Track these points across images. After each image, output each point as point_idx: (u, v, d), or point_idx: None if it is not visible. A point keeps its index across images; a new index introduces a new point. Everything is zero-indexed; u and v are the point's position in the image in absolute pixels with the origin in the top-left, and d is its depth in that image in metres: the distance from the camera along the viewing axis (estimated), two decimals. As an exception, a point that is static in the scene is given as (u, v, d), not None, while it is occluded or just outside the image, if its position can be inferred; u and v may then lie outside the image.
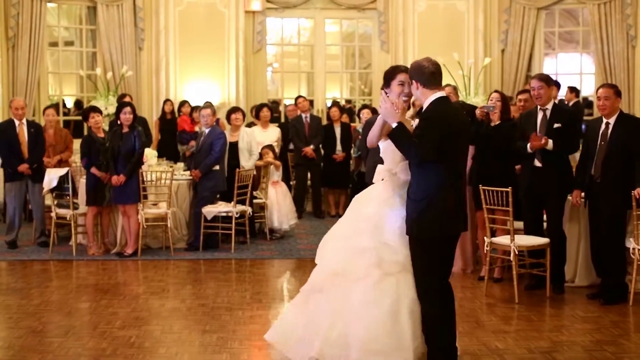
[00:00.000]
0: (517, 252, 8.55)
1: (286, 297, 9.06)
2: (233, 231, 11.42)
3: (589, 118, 15.29)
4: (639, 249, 8.17)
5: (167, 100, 15.83)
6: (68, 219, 11.35)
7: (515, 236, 8.61)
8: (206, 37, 16.68)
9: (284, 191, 12.77)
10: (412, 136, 5.72)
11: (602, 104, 8.48)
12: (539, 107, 8.96)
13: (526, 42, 16.85)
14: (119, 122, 11.22)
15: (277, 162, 12.74)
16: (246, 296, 8.89)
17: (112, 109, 14.27)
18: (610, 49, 16.13)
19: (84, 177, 11.58)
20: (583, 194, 8.68)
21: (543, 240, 8.72)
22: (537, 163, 8.85)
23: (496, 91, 9.84)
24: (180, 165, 12.80)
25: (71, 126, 17.44)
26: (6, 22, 15.59)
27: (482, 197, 8.78)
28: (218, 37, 16.75)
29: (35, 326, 7.66)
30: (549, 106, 8.90)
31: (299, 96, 15.42)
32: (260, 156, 12.39)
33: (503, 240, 8.75)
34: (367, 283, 5.77)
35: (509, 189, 8.48)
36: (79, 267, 10.64)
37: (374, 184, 6.28)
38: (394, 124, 5.73)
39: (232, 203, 11.43)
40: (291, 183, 14.74)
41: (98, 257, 11.10)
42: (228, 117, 12.50)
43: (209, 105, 12.20)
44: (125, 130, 11.12)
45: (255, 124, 14.23)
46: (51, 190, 11.37)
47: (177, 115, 15.68)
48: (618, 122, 8.46)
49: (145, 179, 11.25)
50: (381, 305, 5.73)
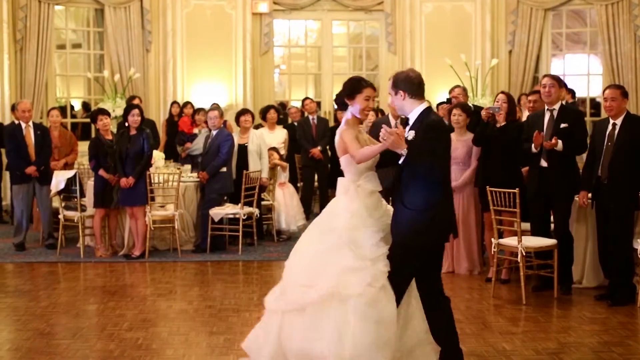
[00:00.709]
0: (524, 254, 8.55)
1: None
2: (240, 233, 11.43)
3: (595, 119, 15.26)
4: (646, 250, 8.18)
5: (174, 103, 15.84)
6: (76, 221, 11.37)
7: (523, 237, 8.60)
8: (213, 39, 16.69)
9: (291, 192, 12.78)
10: (422, 154, 5.67)
11: (609, 105, 8.48)
12: (546, 107, 8.96)
13: (533, 43, 16.81)
14: (126, 124, 11.24)
15: (284, 164, 12.75)
16: (253, 298, 8.89)
17: (120, 111, 14.29)
18: (618, 50, 16.08)
19: (92, 179, 11.61)
20: (590, 194, 8.67)
21: (550, 242, 8.72)
22: (543, 163, 8.84)
23: (502, 92, 9.84)
24: (188, 167, 12.80)
25: (79, 128, 17.48)
26: (14, 25, 15.63)
27: (490, 198, 8.79)
28: (225, 39, 16.76)
29: (43, 328, 7.68)
30: (557, 107, 8.89)
31: (306, 98, 15.41)
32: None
33: (510, 241, 8.75)
34: (361, 301, 5.62)
35: (516, 191, 8.48)
36: (87, 269, 10.66)
37: (337, 196, 6.21)
38: (403, 151, 5.67)
39: (240, 205, 11.44)
40: (298, 185, 14.74)
41: (105, 259, 11.12)
42: (237, 119, 12.48)
43: (216, 107, 12.22)
44: (133, 132, 11.14)
45: (262, 126, 14.24)
46: (59, 193, 11.39)
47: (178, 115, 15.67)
48: (625, 123, 8.46)
49: (152, 181, 11.28)
50: (378, 319, 5.61)
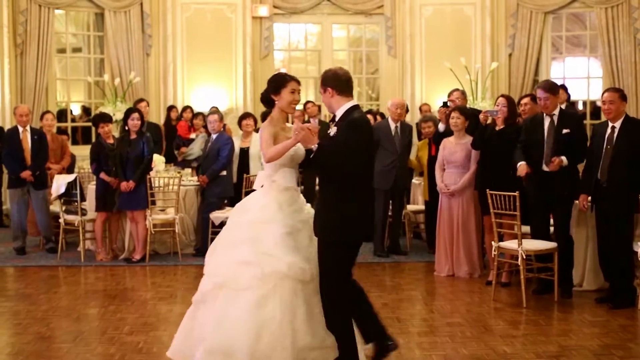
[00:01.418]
0: (524, 257, 8.56)
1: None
2: (241, 236, 11.40)
3: (595, 122, 15.27)
4: (646, 253, 8.19)
5: (172, 107, 15.83)
6: (76, 225, 11.38)
7: (523, 241, 8.61)
8: (213, 43, 16.71)
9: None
10: (336, 150, 5.76)
11: (607, 108, 8.50)
12: (545, 113, 8.96)
13: (533, 46, 16.82)
14: (126, 128, 11.25)
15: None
16: (254, 301, 8.85)
17: (120, 115, 14.27)
18: (618, 53, 16.11)
19: (92, 183, 11.62)
20: (590, 198, 8.67)
21: (551, 245, 8.72)
22: (544, 167, 8.85)
23: (502, 95, 9.86)
24: (188, 171, 12.80)
25: (79, 132, 17.50)
26: (14, 29, 15.65)
27: (490, 201, 8.80)
28: (225, 43, 16.78)
29: (43, 332, 7.69)
30: (556, 112, 8.90)
31: (308, 101, 15.44)
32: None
33: (511, 244, 8.76)
34: (251, 294, 5.79)
35: (517, 194, 8.50)
36: (87, 273, 10.67)
37: (255, 190, 6.36)
38: (314, 146, 5.75)
39: (240, 208, 11.42)
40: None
41: (106, 262, 11.13)
42: (239, 123, 12.47)
43: (215, 110, 12.24)
44: (133, 136, 11.15)
45: (263, 129, 14.21)
46: (59, 197, 11.40)
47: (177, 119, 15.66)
48: (624, 126, 8.47)
49: (153, 184, 11.28)
50: (265, 316, 5.74)
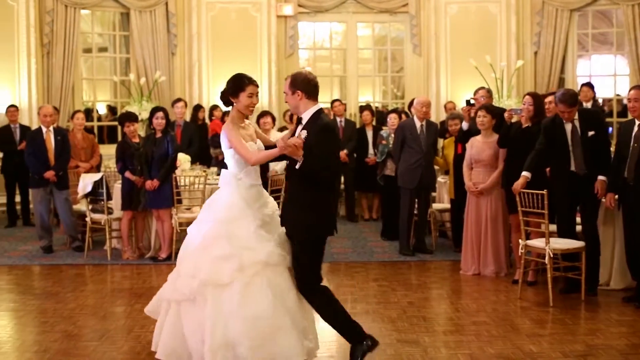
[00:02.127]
0: (551, 255, 8.51)
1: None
2: (266, 235, 11.41)
3: (622, 119, 15.16)
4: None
5: (199, 106, 15.86)
6: (102, 223, 11.43)
7: (550, 239, 8.56)
8: (238, 42, 16.76)
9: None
10: (317, 155, 5.96)
11: (633, 106, 8.43)
12: None
13: (559, 44, 16.75)
14: (152, 128, 11.29)
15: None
16: (279, 300, 8.85)
17: (146, 114, 14.34)
18: (645, 50, 16.02)
19: (119, 182, 11.66)
20: (617, 196, 8.61)
21: (578, 244, 8.67)
22: (572, 167, 8.79)
23: (529, 94, 9.79)
24: (214, 169, 12.81)
25: (104, 131, 17.58)
26: (41, 29, 15.77)
27: (518, 199, 8.76)
28: (250, 41, 16.83)
29: (70, 330, 7.72)
30: (575, 116, 8.83)
31: (335, 100, 15.41)
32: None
33: (538, 243, 8.72)
34: (236, 287, 5.94)
35: (544, 192, 8.45)
36: (114, 272, 10.71)
37: (219, 188, 6.55)
38: (300, 159, 5.93)
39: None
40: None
41: (132, 261, 11.17)
42: (258, 121, 12.48)
43: (241, 110, 12.21)
44: (159, 135, 11.17)
45: (287, 128, 14.25)
46: (86, 196, 11.45)
47: (209, 120, 15.72)
48: (650, 124, 8.41)
49: (178, 183, 11.31)
50: (256, 303, 5.90)
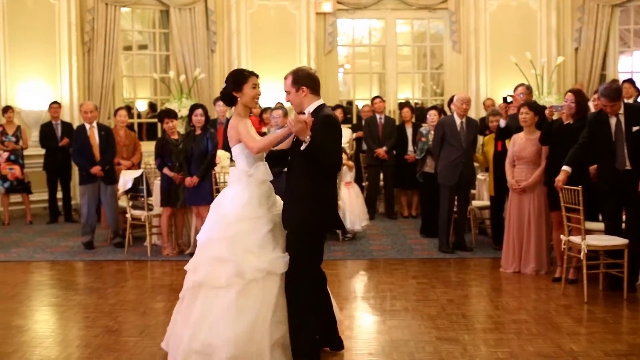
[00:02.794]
0: (586, 251, 8.43)
1: (358, 298, 9.06)
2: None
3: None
4: None
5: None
6: (143, 220, 11.51)
7: (591, 236, 8.48)
8: (277, 39, 16.79)
9: (356, 192, 12.74)
10: (323, 146, 6.00)
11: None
12: None
13: (600, 40, 16.61)
14: (191, 125, 11.33)
15: (350, 163, 12.74)
16: (318, 297, 8.85)
17: (186, 112, 14.41)
18: (688, 46, 15.85)
19: (158, 178, 11.72)
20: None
21: (619, 241, 8.57)
22: (619, 166, 8.71)
23: (571, 90, 9.72)
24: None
25: (144, 128, 17.68)
26: (82, 27, 15.90)
27: (560, 196, 8.70)
28: (289, 38, 16.86)
29: (111, 325, 7.78)
30: (621, 110, 8.74)
31: (376, 97, 15.36)
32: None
33: (575, 239, 8.65)
34: (230, 292, 5.90)
35: (579, 188, 8.38)
36: (154, 268, 10.78)
37: (229, 185, 6.47)
38: (307, 139, 5.93)
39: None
40: (363, 184, 14.72)
41: (172, 257, 11.21)
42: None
43: (280, 106, 12.26)
44: (198, 132, 11.21)
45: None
46: (126, 192, 11.53)
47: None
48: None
49: (218, 180, 11.34)
50: (247, 313, 5.85)
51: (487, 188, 11.77)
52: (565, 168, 8.84)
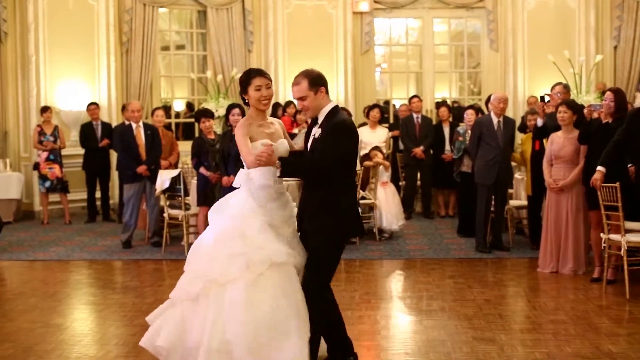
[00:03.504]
0: (627, 248, 8.36)
1: (395, 298, 9.04)
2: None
3: None
4: None
5: (277, 104, 15.85)
6: (180, 219, 11.57)
7: (632, 234, 8.41)
8: (314, 39, 16.81)
9: (392, 192, 12.73)
10: (328, 153, 5.80)
11: None
12: None
13: (640, 39, 16.47)
14: (228, 124, 11.37)
15: (387, 163, 12.72)
16: (355, 296, 8.86)
17: (223, 111, 14.46)
18: None
19: (195, 178, 11.77)
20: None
21: (659, 240, 8.51)
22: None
23: (610, 89, 9.63)
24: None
25: (181, 128, 17.78)
26: (120, 28, 16.04)
27: (599, 194, 8.64)
28: (326, 38, 16.88)
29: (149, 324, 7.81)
30: None
31: (414, 96, 15.31)
32: (369, 157, 12.40)
33: (615, 236, 8.58)
34: (239, 286, 5.78)
35: (617, 185, 8.31)
36: (191, 267, 10.80)
37: (237, 187, 6.39)
38: (277, 164, 5.83)
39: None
40: (400, 184, 14.70)
41: (209, 257, 11.24)
42: (367, 115, 12.48)
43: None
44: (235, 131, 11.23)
45: (366, 124, 14.28)
46: (163, 192, 11.59)
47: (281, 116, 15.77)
48: None
49: (254, 180, 11.35)
50: (258, 305, 5.75)
51: (525, 187, 11.70)
52: (600, 168, 8.76)
